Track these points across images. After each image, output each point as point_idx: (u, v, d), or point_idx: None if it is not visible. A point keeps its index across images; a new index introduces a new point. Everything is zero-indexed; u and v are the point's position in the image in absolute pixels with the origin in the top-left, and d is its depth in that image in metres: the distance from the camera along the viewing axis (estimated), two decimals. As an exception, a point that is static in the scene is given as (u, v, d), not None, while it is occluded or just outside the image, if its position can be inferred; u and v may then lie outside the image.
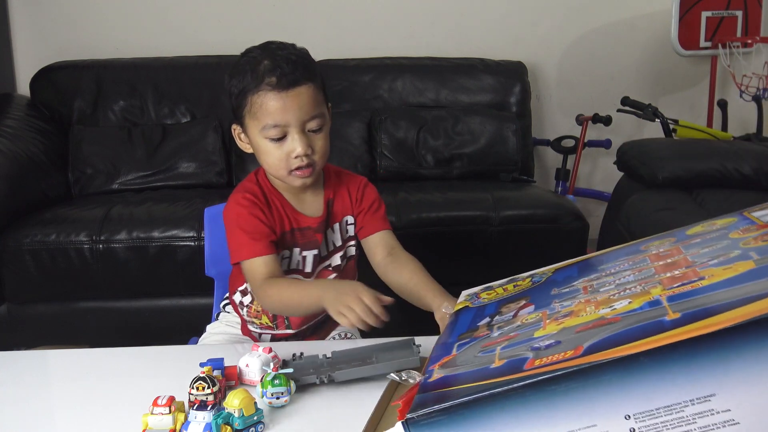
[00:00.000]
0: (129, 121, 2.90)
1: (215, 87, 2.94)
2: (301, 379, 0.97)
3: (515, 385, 0.64)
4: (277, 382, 0.92)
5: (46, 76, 2.93)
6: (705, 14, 3.19)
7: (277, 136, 1.18)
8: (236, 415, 0.84)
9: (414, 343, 1.02)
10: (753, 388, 0.60)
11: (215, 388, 0.90)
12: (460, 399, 0.65)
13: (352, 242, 1.34)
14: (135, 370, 1.10)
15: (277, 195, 1.29)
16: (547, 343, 0.71)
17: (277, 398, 0.92)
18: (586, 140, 3.14)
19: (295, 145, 1.18)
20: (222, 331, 1.38)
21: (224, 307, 1.41)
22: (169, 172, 2.78)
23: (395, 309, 1.11)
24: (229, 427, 0.84)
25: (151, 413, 0.86)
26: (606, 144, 3.19)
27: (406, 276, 1.25)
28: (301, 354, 1.04)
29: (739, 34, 3.21)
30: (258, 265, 1.21)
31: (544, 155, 3.38)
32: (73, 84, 2.90)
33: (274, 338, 1.34)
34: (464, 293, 1.11)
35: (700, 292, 0.68)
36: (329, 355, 1.02)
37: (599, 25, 3.35)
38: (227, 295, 1.42)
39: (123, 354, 1.17)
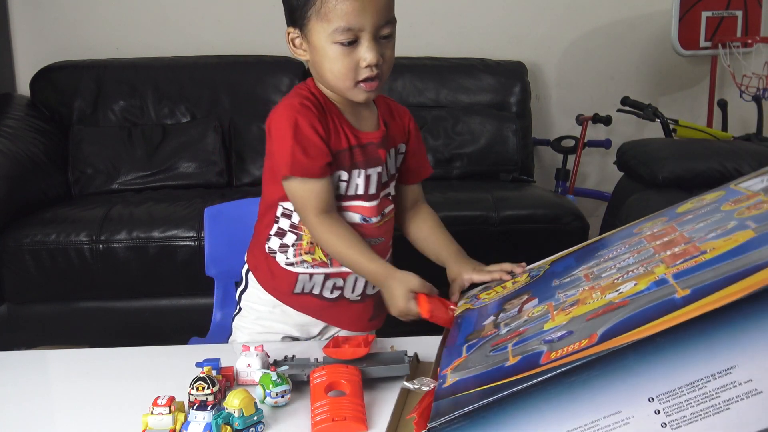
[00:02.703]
0: (129, 121, 2.90)
1: (215, 87, 2.94)
2: (294, 376, 0.97)
3: (535, 380, 0.64)
4: (279, 381, 0.92)
5: (46, 76, 2.93)
6: (705, 14, 3.19)
7: (347, 40, 1.06)
8: (236, 415, 0.84)
9: (406, 354, 1.02)
10: None
11: (215, 388, 0.90)
12: (481, 402, 0.64)
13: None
14: (135, 370, 1.10)
15: (334, 107, 1.15)
16: (560, 334, 0.70)
17: (282, 396, 0.92)
18: (586, 140, 3.14)
19: (366, 53, 1.07)
20: (255, 317, 1.26)
21: (240, 294, 1.29)
22: (169, 172, 2.77)
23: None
24: (229, 427, 0.84)
25: (151, 413, 0.86)
26: (606, 144, 3.19)
27: (425, 232, 1.30)
28: (293, 356, 1.04)
29: (739, 34, 3.21)
30: (310, 189, 1.10)
31: (544, 155, 3.37)
32: (73, 84, 2.90)
33: (328, 277, 1.20)
34: (464, 296, 1.11)
35: (705, 266, 0.68)
36: (320, 359, 1.02)
37: (599, 25, 3.35)
38: (246, 268, 1.28)
39: (123, 354, 1.17)
